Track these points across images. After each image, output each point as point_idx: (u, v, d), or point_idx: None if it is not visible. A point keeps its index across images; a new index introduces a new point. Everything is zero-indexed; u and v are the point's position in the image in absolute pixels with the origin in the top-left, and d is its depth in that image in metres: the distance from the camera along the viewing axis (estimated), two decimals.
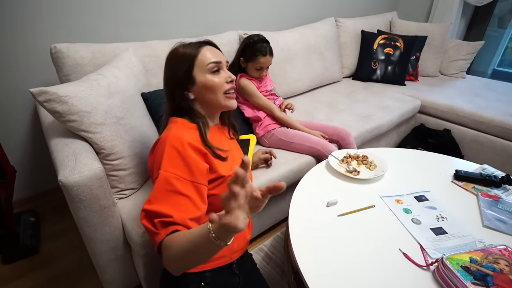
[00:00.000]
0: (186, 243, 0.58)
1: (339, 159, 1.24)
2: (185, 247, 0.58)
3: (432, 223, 0.91)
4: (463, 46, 2.52)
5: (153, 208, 0.67)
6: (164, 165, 0.71)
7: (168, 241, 0.62)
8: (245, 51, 1.49)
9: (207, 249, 0.55)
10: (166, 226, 0.65)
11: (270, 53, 1.47)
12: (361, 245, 0.85)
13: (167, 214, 0.66)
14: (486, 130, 1.94)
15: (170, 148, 0.73)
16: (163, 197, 0.68)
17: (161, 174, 0.70)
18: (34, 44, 1.44)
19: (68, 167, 0.90)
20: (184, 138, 0.75)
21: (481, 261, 0.72)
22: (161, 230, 0.64)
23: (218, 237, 0.51)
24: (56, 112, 0.95)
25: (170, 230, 0.64)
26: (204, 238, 0.52)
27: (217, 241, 0.51)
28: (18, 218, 1.54)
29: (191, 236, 0.57)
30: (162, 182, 0.69)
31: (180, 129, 0.80)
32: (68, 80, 1.24)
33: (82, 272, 1.36)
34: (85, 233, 0.98)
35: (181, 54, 0.83)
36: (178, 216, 0.66)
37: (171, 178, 0.70)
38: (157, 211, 0.66)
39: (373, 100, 2.10)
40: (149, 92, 1.32)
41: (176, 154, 0.73)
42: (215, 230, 0.51)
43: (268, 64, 1.50)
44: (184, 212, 0.68)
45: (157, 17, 1.73)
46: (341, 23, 2.43)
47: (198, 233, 0.55)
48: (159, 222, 0.65)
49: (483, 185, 1.09)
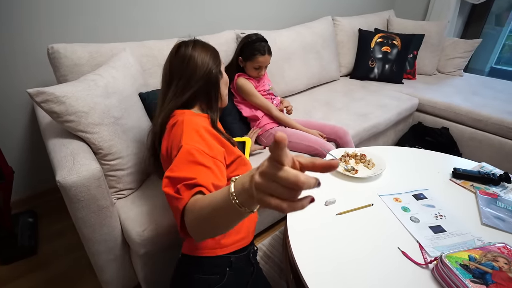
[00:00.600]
0: (210, 206, 0.52)
1: (337, 157, 1.24)
2: (207, 211, 0.52)
3: (430, 221, 0.92)
4: (461, 44, 2.52)
5: (176, 175, 0.65)
6: (184, 139, 0.72)
7: (191, 204, 0.58)
8: (243, 51, 1.48)
9: (232, 214, 0.47)
10: (189, 188, 0.62)
11: (268, 52, 1.47)
12: (360, 243, 0.85)
13: (190, 177, 0.64)
14: (484, 128, 1.95)
15: (189, 129, 0.75)
16: (185, 166, 0.67)
17: (183, 147, 0.70)
18: (31, 45, 1.43)
19: (66, 167, 0.89)
20: (199, 123, 0.79)
21: (480, 259, 0.72)
22: (184, 194, 0.61)
23: (242, 203, 0.44)
24: (53, 113, 0.94)
25: (194, 191, 0.61)
26: (228, 205, 0.46)
27: (241, 207, 0.44)
28: (16, 219, 1.53)
29: (213, 199, 0.51)
30: (184, 153, 0.69)
31: (193, 115, 0.83)
32: (65, 81, 1.24)
33: (81, 272, 1.36)
34: (83, 233, 0.98)
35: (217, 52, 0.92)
36: (201, 179, 0.64)
37: (192, 150, 0.70)
38: (180, 176, 0.65)
39: (371, 98, 2.10)
40: (146, 92, 1.31)
41: (195, 133, 0.75)
42: (238, 195, 0.44)
43: (266, 63, 1.50)
44: (207, 177, 0.66)
45: (154, 17, 1.73)
46: (338, 22, 2.42)
47: (221, 199, 0.48)
48: (183, 186, 0.63)
49: (481, 183, 1.09)
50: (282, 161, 0.36)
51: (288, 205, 0.37)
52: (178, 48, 0.89)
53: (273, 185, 0.36)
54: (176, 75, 0.87)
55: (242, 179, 0.44)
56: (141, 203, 1.11)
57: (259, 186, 0.38)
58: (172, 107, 0.87)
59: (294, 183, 0.35)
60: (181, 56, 0.87)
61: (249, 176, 0.42)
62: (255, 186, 0.38)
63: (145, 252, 1.04)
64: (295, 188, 0.35)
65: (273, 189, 0.37)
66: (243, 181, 0.43)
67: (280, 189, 0.36)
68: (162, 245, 1.07)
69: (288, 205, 0.37)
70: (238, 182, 0.44)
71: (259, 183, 0.37)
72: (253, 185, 0.39)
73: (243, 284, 0.87)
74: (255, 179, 0.38)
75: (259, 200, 0.38)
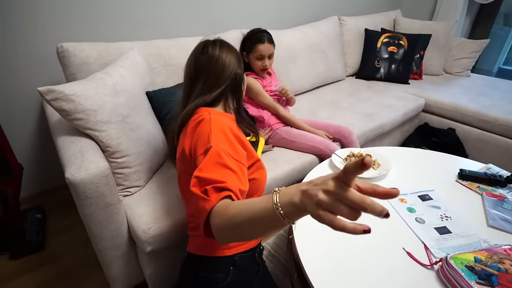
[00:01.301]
0: (244, 214, 0.52)
1: (343, 157, 1.24)
2: (243, 218, 0.52)
3: (436, 222, 0.92)
4: (468, 44, 2.50)
5: (205, 176, 0.65)
6: (213, 140, 0.73)
7: (222, 207, 0.58)
8: (245, 44, 1.49)
9: (269, 224, 0.49)
10: (218, 191, 0.62)
11: (269, 41, 1.45)
12: (365, 244, 0.85)
13: (219, 180, 0.64)
14: (491, 129, 1.93)
15: (216, 129, 0.76)
16: (214, 168, 0.67)
17: (212, 148, 0.71)
18: (40, 44, 1.45)
19: (74, 164, 0.91)
20: (225, 123, 0.79)
21: (486, 260, 0.72)
22: (213, 196, 0.61)
23: (286, 215, 0.45)
24: (63, 111, 0.96)
25: (224, 195, 0.61)
26: (269, 215, 0.47)
27: (285, 219, 0.45)
28: (25, 215, 1.56)
29: (251, 207, 0.51)
30: (214, 154, 0.69)
31: (219, 114, 0.84)
32: (74, 79, 1.25)
33: (88, 268, 1.38)
34: (91, 229, 0.99)
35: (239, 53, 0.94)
36: (230, 183, 0.64)
37: (221, 152, 0.70)
38: (209, 178, 0.64)
39: (377, 98, 2.09)
40: (153, 91, 1.33)
41: (222, 134, 0.75)
42: (283, 207, 0.45)
43: (268, 52, 1.46)
44: (234, 182, 0.66)
45: (159, 16, 1.74)
46: (344, 22, 2.42)
47: (260, 208, 0.49)
48: (212, 188, 0.62)
49: (488, 184, 1.09)
50: (350, 183, 0.38)
51: (340, 223, 0.39)
52: (204, 46, 0.90)
53: (337, 204, 0.39)
54: (204, 74, 0.89)
55: (288, 192, 0.46)
56: (148, 201, 1.12)
57: (321, 203, 0.40)
58: (199, 104, 0.87)
59: (358, 204, 0.37)
60: (209, 55, 0.88)
61: (300, 191, 0.44)
62: (316, 203, 0.40)
63: (151, 249, 1.05)
64: (358, 209, 0.38)
65: (336, 207, 0.39)
66: (291, 194, 0.45)
67: (342, 208, 0.39)
68: (168, 243, 1.08)
69: (339, 223, 0.39)
70: (284, 195, 0.46)
71: (323, 200, 0.39)
72: (312, 201, 0.41)
73: (248, 282, 0.88)
74: (319, 197, 0.40)
75: (318, 215, 0.40)
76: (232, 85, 0.91)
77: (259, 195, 0.90)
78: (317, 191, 0.40)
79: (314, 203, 0.40)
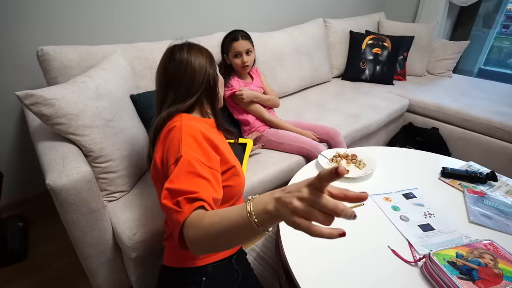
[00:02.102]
0: (218, 224, 0.52)
1: (329, 158, 1.26)
2: (217, 228, 0.52)
3: (420, 220, 0.93)
4: (449, 45, 2.57)
5: (176, 187, 0.64)
6: (183, 148, 0.70)
7: (195, 218, 0.57)
8: (223, 47, 1.53)
9: (244, 233, 0.49)
10: (191, 202, 0.61)
11: (243, 37, 1.47)
12: (351, 243, 0.86)
13: (191, 191, 0.62)
14: (472, 128, 1.98)
15: (187, 135, 0.73)
16: (185, 177, 0.66)
17: (182, 157, 0.69)
18: (20, 47, 1.41)
19: (56, 170, 0.89)
20: (197, 127, 0.76)
21: (467, 255, 0.73)
22: (185, 207, 0.60)
23: (261, 223, 0.45)
24: (43, 115, 0.94)
25: (196, 205, 0.60)
26: (243, 224, 0.47)
27: (259, 227, 0.46)
28: (6, 224, 1.51)
29: (224, 217, 0.51)
30: (184, 164, 0.68)
31: (191, 120, 0.81)
32: (55, 83, 1.23)
33: (72, 277, 1.34)
34: (74, 236, 0.97)
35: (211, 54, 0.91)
36: (203, 193, 0.63)
37: (192, 161, 0.68)
38: (181, 189, 0.63)
39: (362, 99, 2.12)
40: (138, 94, 1.31)
41: (193, 141, 0.73)
42: (258, 215, 0.46)
43: (244, 48, 1.47)
44: (207, 191, 0.65)
45: (144, 18, 1.72)
46: (330, 24, 2.45)
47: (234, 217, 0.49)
48: (184, 199, 0.61)
49: (469, 181, 1.12)
50: (323, 190, 0.40)
51: (317, 229, 0.40)
52: (171, 52, 0.85)
53: (311, 210, 0.40)
54: (174, 82, 0.84)
55: (262, 200, 0.46)
56: (133, 206, 1.10)
57: (297, 210, 0.40)
58: (172, 113, 0.84)
59: (332, 210, 0.39)
60: (177, 61, 0.83)
61: (273, 199, 0.44)
62: (292, 210, 0.41)
63: (136, 255, 1.03)
64: (332, 215, 0.39)
65: (310, 214, 0.40)
66: (265, 202, 0.46)
67: (317, 214, 0.40)
68: (154, 249, 1.07)
69: (316, 229, 0.40)
70: (257, 203, 0.47)
71: (298, 207, 0.40)
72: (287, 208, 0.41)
73: None
74: (294, 204, 0.40)
75: (293, 222, 0.41)
76: (206, 90, 0.87)
77: (234, 203, 0.87)
78: (292, 198, 0.41)
79: (290, 210, 0.41)
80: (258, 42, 1.88)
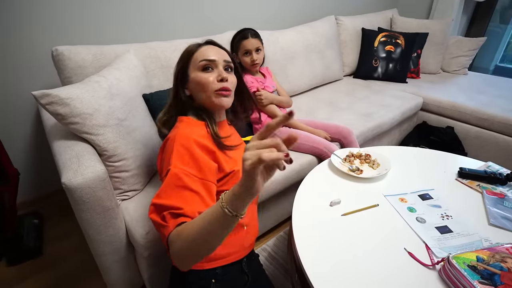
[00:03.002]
0: (196, 228, 0.57)
1: (342, 158, 1.24)
2: (195, 232, 0.56)
3: (437, 222, 0.91)
4: (465, 42, 2.50)
5: (162, 202, 0.66)
6: (173, 161, 0.71)
7: (177, 231, 0.61)
8: (233, 45, 1.54)
9: (221, 228, 0.54)
10: (175, 217, 0.64)
11: (252, 35, 1.48)
12: (366, 244, 0.84)
13: (176, 207, 0.65)
14: (489, 126, 1.93)
15: (179, 146, 0.74)
16: (172, 192, 0.68)
17: (171, 170, 0.70)
18: (35, 47, 1.44)
19: (71, 169, 0.90)
20: (192, 136, 0.76)
21: (488, 260, 0.71)
22: (170, 222, 0.63)
23: (232, 208, 0.51)
24: (58, 115, 0.95)
25: (179, 221, 0.63)
26: (217, 216, 0.53)
27: (232, 213, 0.51)
28: (22, 221, 1.54)
29: (201, 219, 0.56)
30: (172, 177, 0.69)
31: (187, 127, 0.81)
32: (69, 82, 1.24)
33: (86, 273, 1.36)
34: (88, 235, 0.98)
35: (184, 52, 0.88)
36: (188, 209, 0.65)
37: (180, 174, 0.69)
38: (166, 204, 0.65)
39: (375, 98, 2.09)
40: (150, 93, 1.32)
41: (185, 151, 0.73)
42: (228, 201, 0.51)
43: (253, 46, 1.48)
44: (193, 206, 0.67)
45: (156, 17, 1.73)
46: (341, 21, 2.42)
47: (210, 213, 0.55)
48: (168, 214, 0.64)
49: (488, 182, 1.08)
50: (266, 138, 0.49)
51: (267, 154, 0.45)
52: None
53: (259, 151, 0.46)
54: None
55: (232, 189, 0.52)
56: (146, 205, 1.11)
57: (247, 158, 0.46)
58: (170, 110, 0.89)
59: (271, 144, 0.47)
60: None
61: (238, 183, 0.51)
62: (247, 165, 0.46)
63: (149, 254, 1.04)
64: (274, 146, 0.47)
65: (259, 154, 0.46)
66: (232, 189, 0.52)
67: (265, 151, 0.46)
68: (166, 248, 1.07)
69: (267, 154, 0.45)
70: (226, 193, 0.53)
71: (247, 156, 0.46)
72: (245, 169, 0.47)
73: None
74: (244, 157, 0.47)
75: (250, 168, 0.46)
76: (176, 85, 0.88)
77: None
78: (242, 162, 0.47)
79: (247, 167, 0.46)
80: (268, 40, 1.87)
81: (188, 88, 0.88)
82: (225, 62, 0.86)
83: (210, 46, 0.87)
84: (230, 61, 0.88)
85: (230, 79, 0.86)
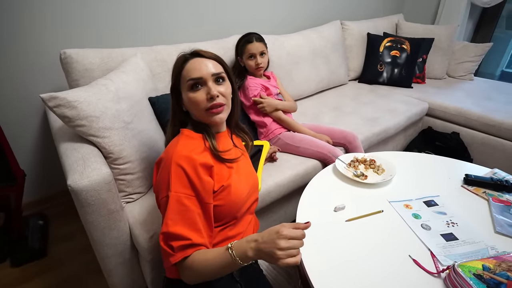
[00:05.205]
0: (210, 267, 0.68)
1: (346, 163, 1.23)
2: (210, 270, 0.68)
3: (442, 229, 0.90)
4: (471, 48, 2.49)
5: (171, 230, 0.69)
6: (173, 185, 0.72)
7: (191, 262, 0.69)
8: (237, 49, 1.55)
9: (232, 269, 0.67)
10: (184, 249, 0.69)
11: (257, 39, 1.51)
12: (370, 250, 0.84)
13: (185, 237, 0.69)
14: (496, 133, 1.91)
15: (176, 167, 0.73)
16: (178, 218, 0.71)
17: (172, 196, 0.71)
18: (43, 50, 1.46)
19: (77, 171, 0.90)
20: (188, 156, 0.74)
21: (494, 268, 0.70)
22: (178, 254, 0.69)
23: (244, 262, 0.64)
24: (65, 117, 0.96)
25: (188, 253, 0.69)
26: (230, 264, 0.65)
27: (241, 264, 0.64)
28: (27, 221, 1.55)
29: (214, 262, 0.67)
30: (174, 203, 0.71)
31: (185, 144, 0.78)
32: (77, 85, 1.26)
33: (90, 275, 1.37)
34: (93, 237, 0.99)
35: (173, 66, 0.85)
36: (196, 238, 0.70)
37: (182, 198, 0.72)
38: (175, 233, 0.70)
39: (380, 103, 2.08)
40: (156, 97, 1.33)
41: (183, 173, 0.73)
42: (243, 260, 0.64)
43: (258, 50, 1.50)
44: (200, 231, 0.72)
45: (163, 21, 1.75)
46: (347, 26, 2.42)
47: (222, 261, 0.66)
48: (178, 246, 0.69)
49: (494, 189, 1.07)
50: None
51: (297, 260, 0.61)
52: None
53: (291, 241, 0.61)
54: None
55: (241, 247, 0.65)
56: (150, 208, 1.11)
57: (281, 247, 0.60)
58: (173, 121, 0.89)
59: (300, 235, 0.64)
60: None
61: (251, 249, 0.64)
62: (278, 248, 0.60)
63: (152, 258, 1.04)
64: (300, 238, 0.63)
65: (292, 244, 0.62)
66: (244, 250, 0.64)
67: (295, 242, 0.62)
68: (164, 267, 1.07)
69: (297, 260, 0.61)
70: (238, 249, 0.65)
71: (283, 245, 0.60)
72: (271, 252, 0.61)
73: None
74: (280, 245, 0.60)
75: (282, 263, 0.60)
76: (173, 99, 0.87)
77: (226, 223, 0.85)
78: (273, 244, 0.61)
79: (280, 263, 0.60)
80: (274, 44, 1.88)
81: (184, 105, 0.86)
82: (213, 76, 0.81)
83: (196, 60, 0.82)
84: (220, 72, 0.82)
85: (222, 91, 0.81)
